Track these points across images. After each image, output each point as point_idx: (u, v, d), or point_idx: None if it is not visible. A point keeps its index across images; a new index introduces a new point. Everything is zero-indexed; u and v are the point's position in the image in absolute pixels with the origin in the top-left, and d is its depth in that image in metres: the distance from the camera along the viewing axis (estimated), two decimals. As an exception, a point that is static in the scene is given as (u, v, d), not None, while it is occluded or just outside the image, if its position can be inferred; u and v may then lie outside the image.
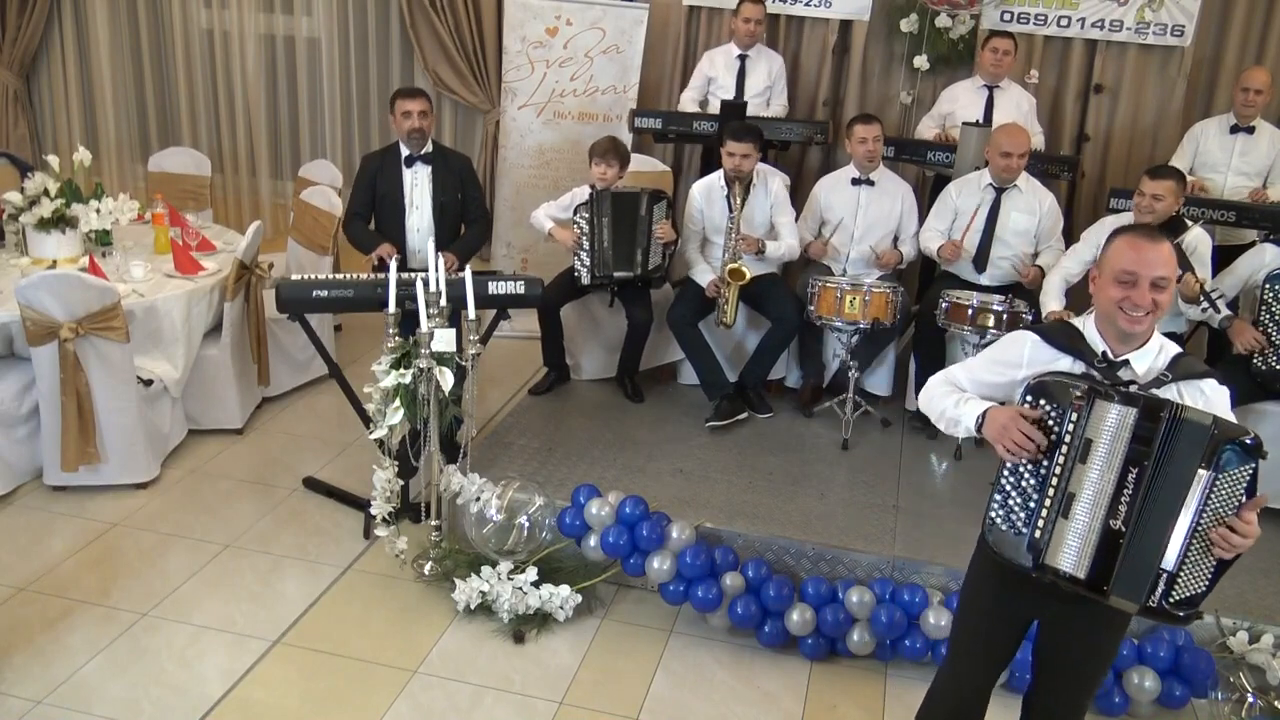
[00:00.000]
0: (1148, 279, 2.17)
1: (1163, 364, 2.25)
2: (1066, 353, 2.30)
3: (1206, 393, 2.25)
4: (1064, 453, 2.19)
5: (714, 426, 4.57)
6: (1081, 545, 2.18)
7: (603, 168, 4.75)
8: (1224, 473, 2.07)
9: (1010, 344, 2.41)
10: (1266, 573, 3.74)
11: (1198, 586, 2.16)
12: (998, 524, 2.31)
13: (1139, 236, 2.24)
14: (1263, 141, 5.11)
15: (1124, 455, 2.13)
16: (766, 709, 3.28)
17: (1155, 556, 2.12)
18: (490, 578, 3.60)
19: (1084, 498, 2.18)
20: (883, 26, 6.07)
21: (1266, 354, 3.99)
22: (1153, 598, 2.14)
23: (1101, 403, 2.15)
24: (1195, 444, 2.07)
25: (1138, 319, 2.20)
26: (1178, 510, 2.09)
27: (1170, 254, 2.21)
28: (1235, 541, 2.10)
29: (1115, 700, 3.30)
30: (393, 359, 3.57)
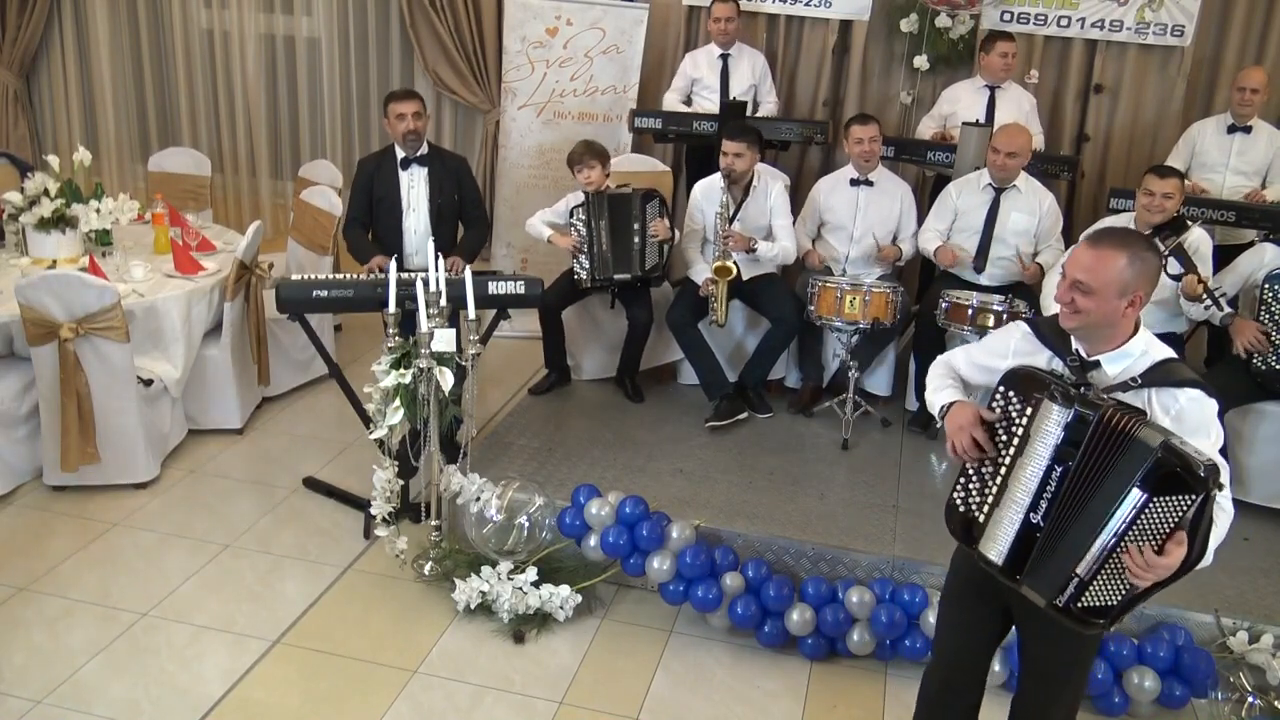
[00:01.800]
0: (1070, 276, 2.22)
1: (1141, 368, 2.23)
2: (1048, 348, 2.35)
3: (1181, 402, 2.18)
4: (1014, 445, 2.26)
5: (714, 426, 4.57)
6: (1004, 534, 2.26)
7: (586, 173, 4.75)
8: (1159, 497, 2.04)
9: (1005, 332, 2.49)
10: (1266, 573, 3.74)
11: (1108, 599, 2.16)
12: (957, 505, 2.38)
13: (1091, 238, 2.27)
14: (1260, 141, 5.11)
15: (1051, 454, 2.18)
16: (766, 709, 3.28)
17: (1070, 559, 2.16)
18: (490, 578, 3.60)
19: (1017, 491, 2.25)
20: (883, 26, 6.07)
21: (1266, 354, 3.98)
22: (1061, 597, 2.18)
23: (1048, 403, 2.20)
24: (1136, 462, 2.05)
25: (1065, 315, 2.24)
26: (1103, 521, 2.11)
27: (1109, 268, 2.16)
28: (1142, 566, 2.05)
29: (1115, 700, 3.30)
30: (393, 359, 3.57)
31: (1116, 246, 2.18)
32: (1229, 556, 3.82)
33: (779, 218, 4.88)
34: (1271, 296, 3.97)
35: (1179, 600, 3.50)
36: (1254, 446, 4.11)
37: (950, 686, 2.59)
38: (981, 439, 2.29)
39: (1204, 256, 4.18)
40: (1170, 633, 3.36)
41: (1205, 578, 3.64)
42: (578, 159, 4.77)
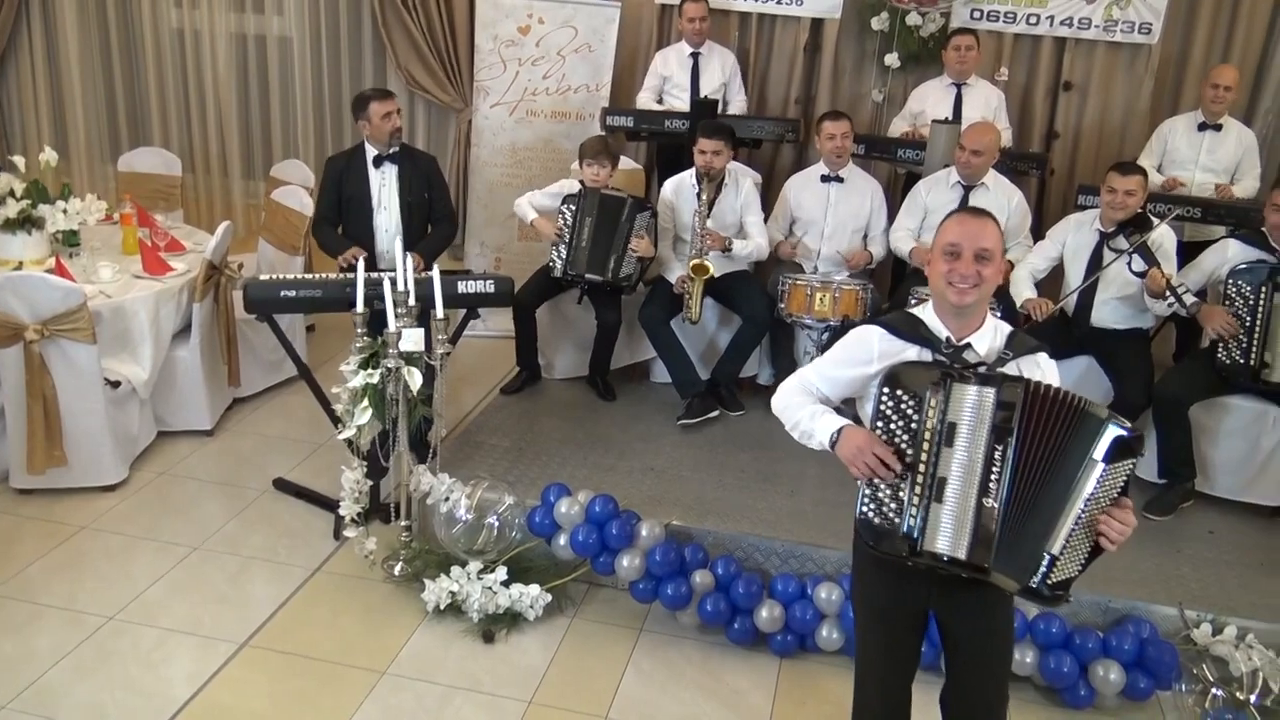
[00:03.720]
0: (972, 250, 2.25)
1: (1001, 343, 2.33)
2: (913, 342, 2.35)
3: (1041, 366, 2.34)
4: (928, 439, 2.22)
5: (685, 424, 4.58)
6: (957, 526, 2.21)
7: (595, 169, 4.74)
8: (1112, 464, 2.13)
9: (857, 340, 2.43)
10: (1230, 565, 3.78)
11: (1073, 570, 2.22)
12: (870, 518, 2.31)
13: (967, 213, 2.34)
14: (1230, 139, 5.15)
15: (989, 434, 2.17)
16: (735, 706, 3.29)
17: (1042, 538, 2.17)
18: (460, 578, 3.60)
19: (954, 479, 2.21)
20: (854, 25, 6.09)
21: (1230, 347, 4.02)
22: (1034, 579, 2.19)
23: (958, 385, 2.19)
24: (1090, 433, 2.13)
25: (965, 290, 2.26)
26: (1068, 496, 2.15)
27: (996, 231, 2.30)
28: (1120, 531, 2.17)
29: (1081, 693, 3.32)
30: (361, 359, 3.56)
31: (986, 215, 2.33)
32: (1193, 549, 3.90)
33: (750, 214, 4.89)
34: (1235, 291, 4.00)
35: (1144, 594, 3.54)
36: (1218, 440, 4.14)
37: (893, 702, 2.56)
38: (884, 454, 2.24)
39: (1168, 253, 4.21)
40: (1135, 626, 3.38)
41: (1170, 570, 3.72)
42: (592, 154, 4.75)
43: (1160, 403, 4.09)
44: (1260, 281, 3.94)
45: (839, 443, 2.33)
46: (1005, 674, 2.51)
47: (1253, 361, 3.97)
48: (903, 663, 2.54)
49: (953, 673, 2.52)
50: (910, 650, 2.54)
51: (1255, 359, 3.96)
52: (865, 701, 2.61)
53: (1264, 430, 4.08)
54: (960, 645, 2.47)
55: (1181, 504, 4.13)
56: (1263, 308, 3.93)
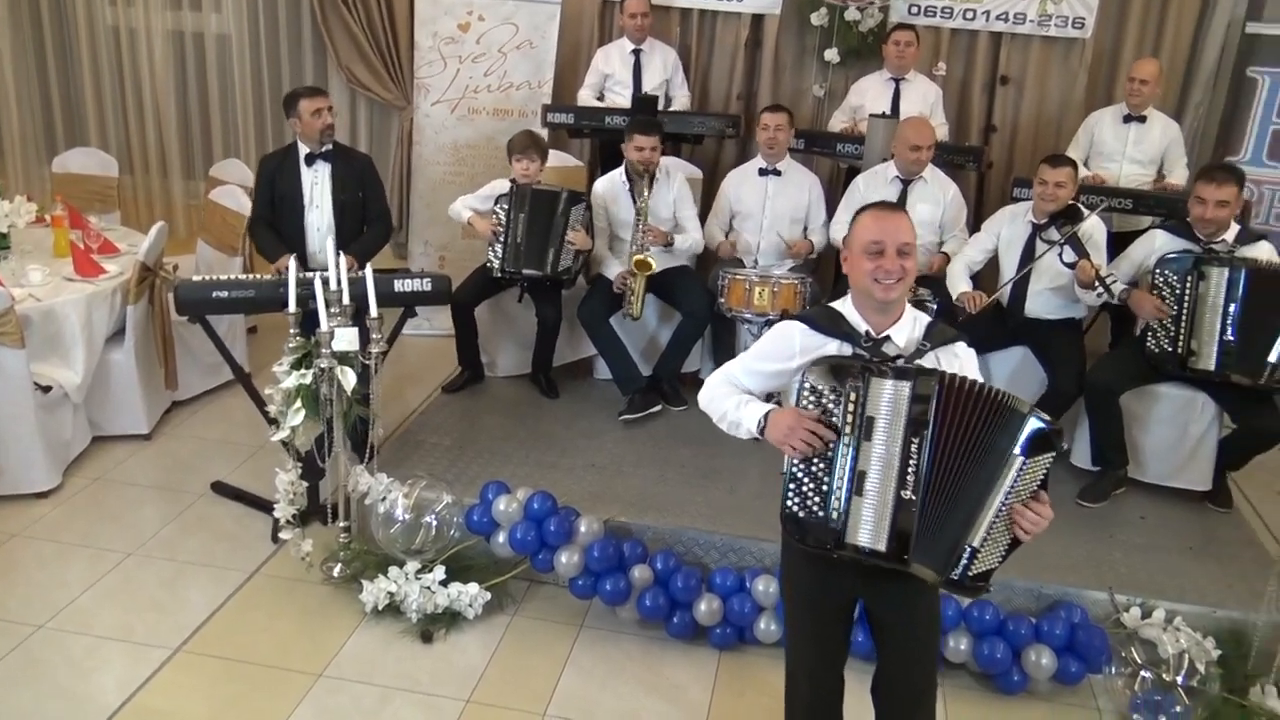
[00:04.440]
0: (894, 246, 2.27)
1: (919, 335, 2.35)
2: (833, 336, 2.36)
3: (959, 355, 2.37)
4: (849, 432, 2.24)
5: (627, 420, 4.59)
6: (877, 519, 2.23)
7: (524, 163, 4.73)
8: (1031, 458, 2.14)
9: (779, 335, 2.44)
10: (1160, 550, 3.85)
11: (993, 561, 2.24)
12: (795, 511, 2.33)
13: (880, 209, 2.36)
14: (1155, 130, 5.25)
15: (904, 427, 2.18)
16: (675, 699, 3.30)
17: (963, 531, 2.19)
18: (398, 578, 3.58)
19: (873, 473, 2.23)
20: (794, 21, 6.12)
21: (1158, 335, 4.09)
22: (955, 570, 2.21)
23: (876, 380, 2.21)
24: (1010, 427, 2.14)
25: (890, 286, 2.28)
26: (989, 490, 2.16)
27: (911, 224, 2.34)
28: (1034, 524, 2.19)
29: (1014, 679, 3.37)
30: (293, 359, 3.52)
31: (898, 208, 2.37)
32: (1125, 535, 3.96)
33: (684, 208, 4.92)
34: (1163, 281, 4.07)
35: (1076, 579, 3.60)
36: (1149, 427, 4.22)
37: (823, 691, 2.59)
38: (815, 427, 2.25)
39: (1098, 244, 4.28)
40: (1067, 611, 3.44)
41: (1102, 556, 3.78)
42: (520, 149, 4.74)
43: (1092, 391, 4.16)
44: (1185, 271, 4.01)
45: (768, 427, 2.34)
46: (932, 661, 2.55)
47: (1180, 349, 4.04)
48: (832, 652, 2.57)
49: (881, 660, 2.55)
50: (839, 638, 2.57)
51: (1182, 347, 4.04)
52: (796, 690, 2.64)
53: (1192, 417, 4.17)
54: (887, 633, 2.50)
55: (1114, 491, 4.20)
56: (1188, 297, 4.00)
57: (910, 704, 2.53)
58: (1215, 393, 4.10)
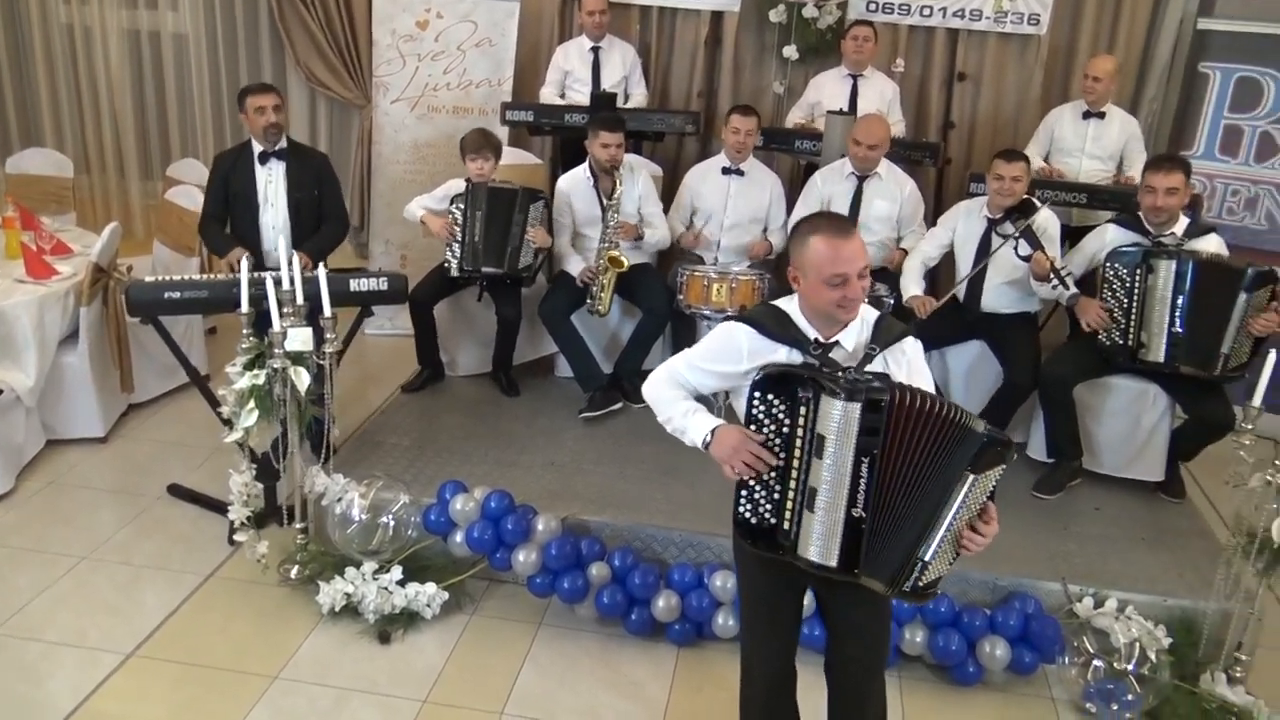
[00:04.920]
0: (855, 274, 2.25)
1: (867, 336, 2.34)
2: (782, 342, 2.34)
3: (907, 352, 2.37)
4: (800, 447, 2.24)
5: (588, 418, 4.59)
6: (827, 536, 2.24)
7: (479, 163, 4.71)
8: (981, 475, 2.16)
9: (726, 338, 2.41)
10: (1113, 540, 3.90)
11: (943, 569, 2.27)
12: (747, 517, 2.33)
13: (834, 235, 2.28)
14: (1113, 126, 5.30)
15: (854, 447, 2.18)
16: (633, 696, 3.31)
17: (915, 545, 2.21)
18: (355, 578, 3.56)
19: (824, 490, 2.22)
20: (753, 18, 6.13)
21: (1110, 329, 4.14)
22: (907, 583, 2.23)
23: (826, 398, 2.18)
24: (961, 444, 2.15)
25: (854, 309, 2.29)
26: (943, 506, 2.17)
27: (862, 243, 2.31)
28: (980, 542, 2.24)
29: (969, 670, 3.40)
30: (246, 360, 3.50)
31: (850, 229, 2.32)
32: (1079, 526, 4.01)
33: (650, 205, 4.93)
34: (1113, 274, 4.12)
35: (1031, 571, 3.63)
36: (1103, 419, 4.27)
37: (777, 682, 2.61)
38: (759, 451, 2.25)
39: (1052, 237, 4.32)
40: (1021, 602, 3.47)
41: (1056, 547, 3.82)
42: (473, 148, 4.72)
43: (1046, 384, 4.20)
44: (1135, 264, 4.05)
45: (713, 443, 2.33)
46: (886, 635, 2.58)
47: (1130, 342, 4.09)
48: (785, 644, 2.58)
49: (834, 639, 2.57)
50: (791, 630, 2.59)
51: (1133, 339, 4.09)
52: (751, 682, 2.66)
53: (1144, 408, 4.22)
54: (840, 614, 2.52)
55: (1069, 482, 4.25)
56: (1138, 290, 4.05)
57: (862, 681, 2.55)
58: (1166, 384, 4.16)
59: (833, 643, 2.57)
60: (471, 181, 4.70)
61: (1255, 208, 5.40)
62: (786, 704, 2.68)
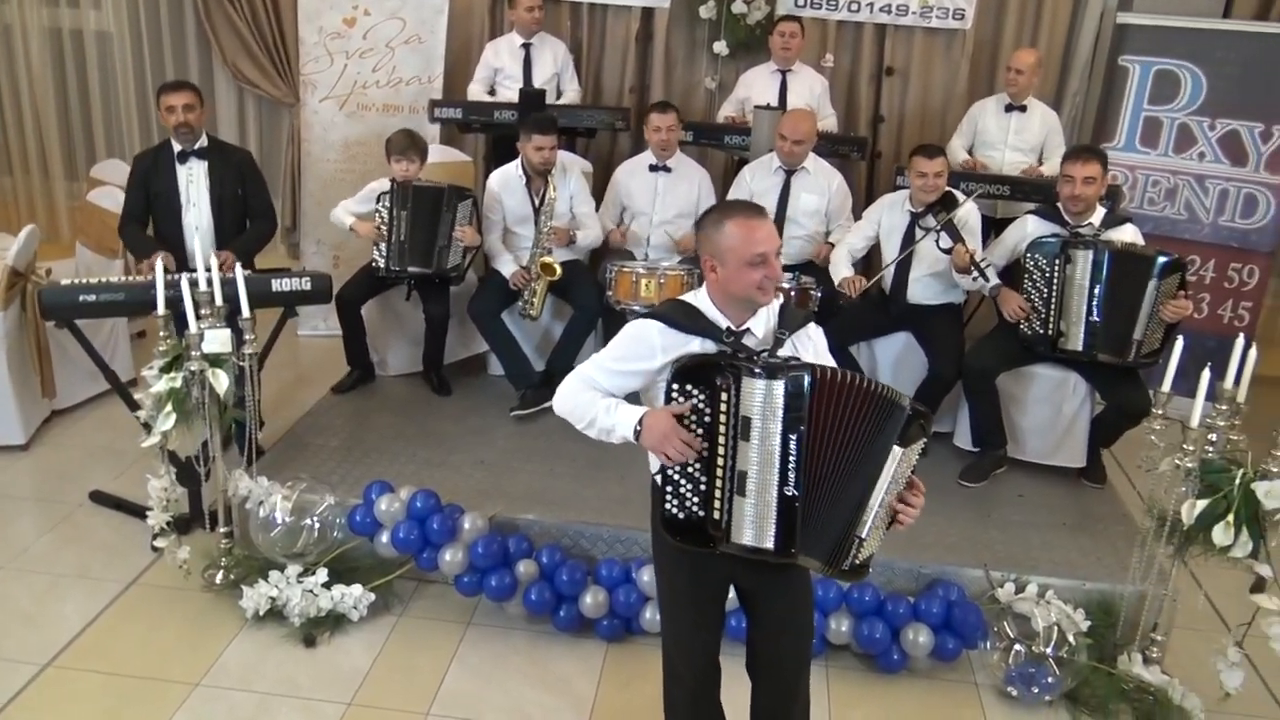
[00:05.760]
0: (772, 253, 2.29)
1: (775, 323, 2.38)
2: (694, 334, 2.34)
3: (813, 337, 2.44)
4: (724, 434, 2.24)
5: (519, 415, 4.58)
6: (761, 517, 2.25)
7: (403, 164, 4.68)
8: (908, 448, 2.20)
9: (637, 337, 2.39)
10: (1036, 526, 3.96)
11: (875, 546, 2.30)
12: (675, 514, 2.33)
13: (750, 217, 2.31)
14: (1035, 119, 5.38)
15: (781, 425, 2.20)
16: (560, 692, 3.31)
17: (850, 524, 2.23)
18: (279, 582, 3.52)
19: (754, 472, 2.24)
20: (684, 14, 6.14)
21: (1031, 319, 4.21)
22: (846, 561, 2.25)
23: (747, 380, 2.21)
24: (887, 418, 2.19)
25: (770, 290, 2.31)
26: (875, 482, 2.20)
27: (774, 228, 2.36)
28: (912, 512, 2.28)
29: (894, 657, 3.44)
30: (163, 362, 3.45)
31: (761, 211, 2.36)
32: (1003, 513, 4.07)
33: (582, 204, 4.92)
34: (1033, 265, 4.18)
35: (954, 558, 3.69)
36: (1026, 407, 4.34)
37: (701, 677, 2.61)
38: (688, 437, 2.25)
39: (973, 229, 4.39)
40: (944, 589, 3.52)
41: (980, 535, 3.87)
42: (399, 149, 4.68)
43: (969, 374, 4.26)
44: (1054, 255, 4.12)
45: (643, 431, 2.30)
46: (809, 632, 2.60)
47: (1051, 331, 4.17)
48: (708, 639, 2.59)
49: (758, 637, 2.58)
50: (714, 625, 2.59)
51: (1052, 329, 4.16)
52: (675, 678, 2.66)
53: (1066, 396, 4.29)
54: (763, 611, 2.53)
55: (994, 471, 4.31)
56: (1057, 280, 4.12)
57: (791, 675, 2.57)
58: (1086, 372, 4.24)
59: (759, 637, 2.57)
60: (395, 182, 4.66)
61: (1175, 198, 5.51)
62: (712, 701, 2.68)
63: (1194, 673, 3.39)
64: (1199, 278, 5.49)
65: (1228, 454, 3.19)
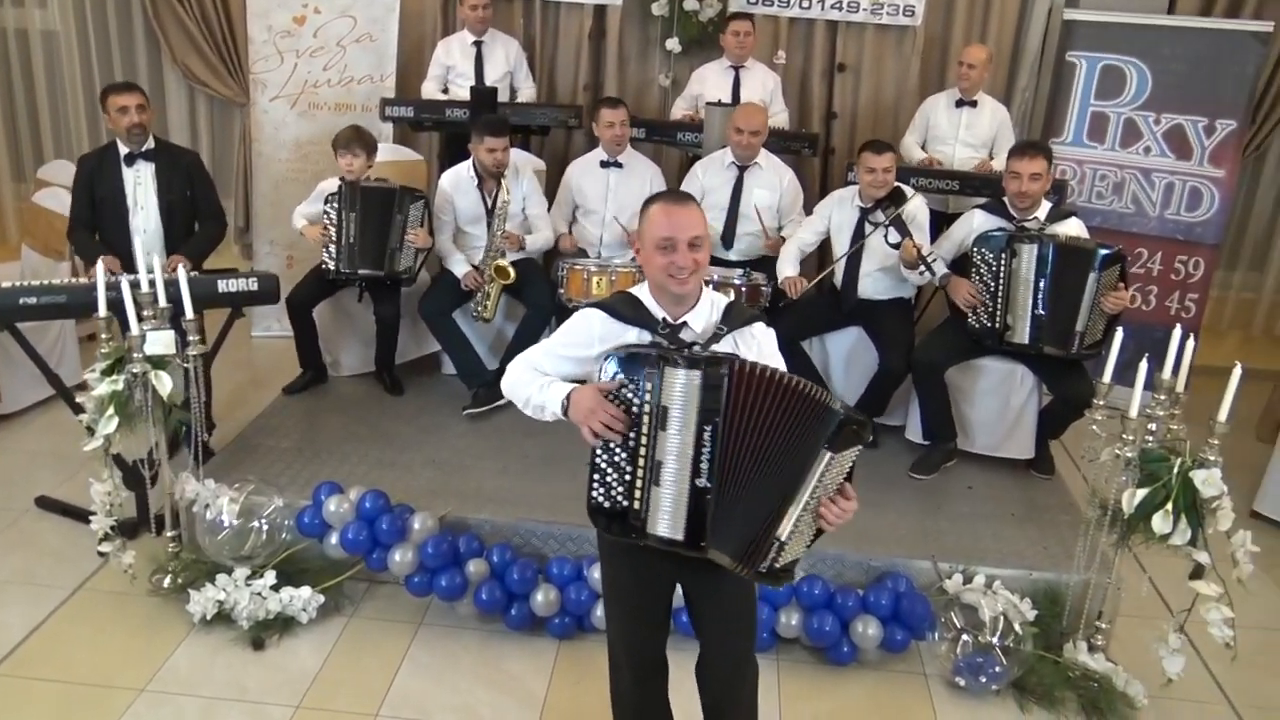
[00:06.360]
0: (684, 241, 2.28)
1: (717, 318, 2.38)
2: (632, 324, 2.37)
3: (757, 336, 2.40)
4: (646, 422, 2.25)
5: (472, 414, 4.57)
6: (675, 508, 2.25)
7: (348, 159, 4.65)
8: (839, 454, 2.16)
9: (579, 324, 2.44)
10: (985, 518, 4.00)
11: (799, 551, 2.28)
12: (600, 502, 2.34)
13: (670, 202, 2.34)
14: (985, 114, 5.43)
15: (696, 416, 2.20)
16: (511, 691, 3.30)
17: (769, 523, 2.20)
18: (226, 585, 3.49)
19: (669, 462, 2.24)
20: (636, 11, 6.14)
21: (979, 311, 4.25)
22: (764, 563, 2.23)
23: (669, 369, 2.21)
24: (825, 426, 2.14)
25: (684, 280, 2.30)
26: (799, 484, 2.17)
27: (701, 216, 2.34)
28: (838, 516, 2.22)
29: (844, 650, 3.47)
30: (105, 365, 3.40)
31: (690, 200, 2.35)
32: (952, 505, 4.10)
33: (534, 205, 4.92)
34: (980, 259, 4.22)
35: (904, 551, 3.72)
36: (974, 399, 4.38)
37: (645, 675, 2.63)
38: (615, 412, 2.25)
39: (921, 224, 4.42)
40: (893, 581, 3.55)
41: (929, 527, 3.90)
42: (344, 144, 4.65)
43: (918, 368, 4.30)
44: (1000, 248, 4.17)
45: (570, 406, 2.32)
46: (750, 638, 2.59)
47: (998, 324, 4.21)
48: (651, 637, 2.60)
49: (701, 641, 2.58)
50: (657, 623, 2.59)
51: (999, 322, 4.20)
52: (620, 676, 2.67)
53: (1013, 389, 4.34)
54: (705, 615, 2.53)
55: (945, 463, 4.35)
56: (1003, 273, 4.16)
57: (732, 681, 2.57)
58: (1033, 364, 4.29)
59: (700, 640, 2.58)
60: (345, 181, 4.63)
61: (1122, 191, 5.58)
62: (656, 696, 2.70)
63: (1139, 658, 3.43)
64: (1146, 270, 5.57)
65: (1167, 443, 3.24)
